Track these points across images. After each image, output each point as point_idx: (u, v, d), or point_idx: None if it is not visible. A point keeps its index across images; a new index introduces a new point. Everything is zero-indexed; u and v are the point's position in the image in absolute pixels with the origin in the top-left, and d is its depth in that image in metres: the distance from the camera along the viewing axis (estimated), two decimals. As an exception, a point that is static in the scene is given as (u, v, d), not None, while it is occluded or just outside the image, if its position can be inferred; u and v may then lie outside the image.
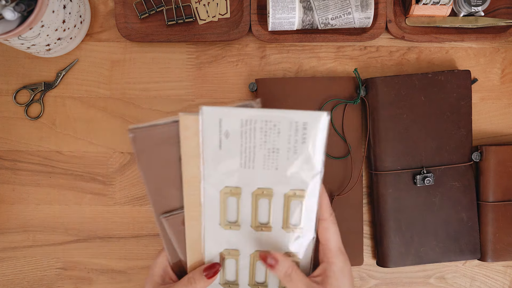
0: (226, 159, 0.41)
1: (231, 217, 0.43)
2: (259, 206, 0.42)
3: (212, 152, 0.41)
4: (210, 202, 0.42)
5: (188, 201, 0.43)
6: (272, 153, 0.41)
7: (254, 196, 0.42)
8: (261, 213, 0.43)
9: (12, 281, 0.66)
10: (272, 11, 0.59)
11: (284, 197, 0.42)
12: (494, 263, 0.66)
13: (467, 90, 0.62)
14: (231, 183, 0.42)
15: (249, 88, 0.63)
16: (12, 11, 0.51)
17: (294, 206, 0.42)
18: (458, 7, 0.64)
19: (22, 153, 0.65)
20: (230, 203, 0.42)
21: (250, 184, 0.42)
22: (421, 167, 0.62)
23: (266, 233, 0.43)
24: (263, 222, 0.43)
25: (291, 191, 0.42)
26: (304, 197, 0.42)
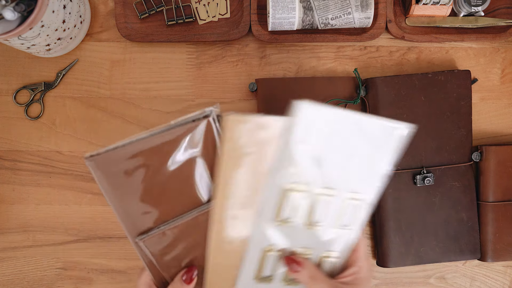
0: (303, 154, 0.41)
1: (286, 214, 0.43)
2: (317, 205, 0.43)
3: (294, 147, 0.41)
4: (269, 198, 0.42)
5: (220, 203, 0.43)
6: (348, 155, 0.42)
7: (315, 195, 0.43)
8: (317, 212, 0.43)
9: (12, 281, 0.66)
10: (272, 11, 0.59)
11: (344, 199, 0.44)
12: (494, 263, 0.66)
13: (467, 90, 0.62)
14: (298, 179, 0.42)
15: (249, 88, 0.63)
16: (12, 11, 0.51)
17: (350, 208, 0.44)
18: (458, 7, 0.64)
19: (22, 153, 0.65)
20: (290, 200, 0.43)
21: (315, 183, 0.43)
22: (421, 167, 0.62)
23: (316, 230, 0.44)
24: (316, 221, 0.44)
25: (352, 194, 0.44)
26: (362, 200, 0.44)
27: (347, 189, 0.44)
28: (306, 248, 0.45)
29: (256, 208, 0.43)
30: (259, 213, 0.43)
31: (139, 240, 0.44)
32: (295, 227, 0.44)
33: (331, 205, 0.44)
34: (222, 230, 0.44)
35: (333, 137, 0.42)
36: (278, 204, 0.43)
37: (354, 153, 0.43)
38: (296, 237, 0.44)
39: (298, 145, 0.41)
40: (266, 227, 0.44)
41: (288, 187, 0.42)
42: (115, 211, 0.44)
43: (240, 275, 0.45)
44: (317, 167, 0.42)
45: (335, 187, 0.43)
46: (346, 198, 0.44)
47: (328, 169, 0.43)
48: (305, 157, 0.42)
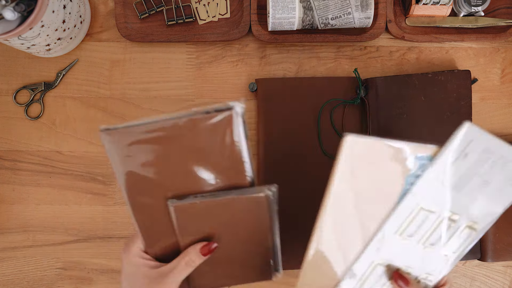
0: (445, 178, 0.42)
1: (410, 231, 0.44)
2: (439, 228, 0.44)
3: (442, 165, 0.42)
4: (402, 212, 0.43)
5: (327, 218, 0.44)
6: (483, 184, 0.43)
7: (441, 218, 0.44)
8: (435, 235, 0.44)
9: (12, 281, 0.66)
10: (272, 11, 0.59)
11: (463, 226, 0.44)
12: (494, 263, 0.66)
13: (467, 90, 0.62)
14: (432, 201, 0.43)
15: (249, 88, 0.63)
16: (12, 11, 0.51)
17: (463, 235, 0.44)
18: (458, 7, 0.64)
19: (22, 153, 0.65)
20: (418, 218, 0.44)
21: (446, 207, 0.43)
22: (421, 167, 0.62)
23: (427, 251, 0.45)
24: (431, 243, 0.45)
25: (471, 222, 0.44)
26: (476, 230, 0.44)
27: (470, 217, 0.44)
28: (408, 267, 0.46)
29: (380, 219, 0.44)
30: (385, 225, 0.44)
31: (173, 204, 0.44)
32: (412, 245, 0.45)
33: (450, 230, 0.44)
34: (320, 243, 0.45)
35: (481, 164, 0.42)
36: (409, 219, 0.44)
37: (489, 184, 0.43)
38: (408, 254, 0.45)
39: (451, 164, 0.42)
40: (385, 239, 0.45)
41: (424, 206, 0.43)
42: (120, 182, 0.44)
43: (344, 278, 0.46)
44: (455, 190, 0.43)
45: (460, 213, 0.44)
46: (466, 226, 0.44)
47: (461, 196, 0.43)
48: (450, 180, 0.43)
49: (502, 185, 0.43)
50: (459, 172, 0.42)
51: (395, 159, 0.42)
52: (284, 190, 0.62)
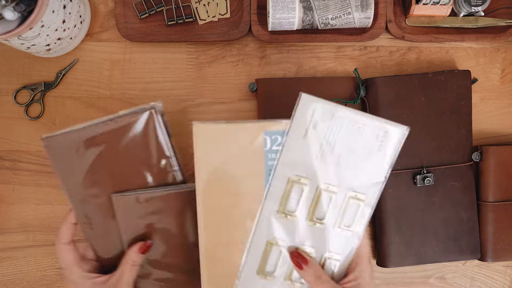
0: (304, 149, 0.43)
1: (290, 207, 0.44)
2: (320, 201, 0.44)
3: (295, 140, 0.43)
4: (275, 189, 0.44)
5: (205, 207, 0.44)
6: (348, 153, 0.43)
7: (318, 190, 0.43)
8: (320, 208, 0.44)
9: (12, 281, 0.66)
10: (272, 11, 0.59)
11: (345, 197, 0.44)
12: (494, 263, 0.66)
13: (467, 90, 0.62)
14: (301, 173, 0.43)
15: (249, 88, 0.63)
16: (12, 11, 0.51)
17: (351, 208, 0.44)
18: (458, 7, 0.64)
19: (22, 153, 0.65)
20: (293, 192, 0.44)
21: (318, 178, 0.43)
22: (421, 167, 0.62)
23: (318, 227, 0.44)
24: (319, 217, 0.44)
25: (353, 193, 0.44)
26: (363, 201, 0.44)
27: (349, 187, 0.44)
28: (309, 247, 0.45)
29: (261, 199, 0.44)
30: (264, 203, 0.44)
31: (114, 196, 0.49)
32: (299, 222, 0.44)
33: (333, 202, 0.44)
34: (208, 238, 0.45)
35: (333, 133, 0.42)
36: (283, 195, 0.44)
37: (354, 152, 0.43)
38: (299, 232, 0.44)
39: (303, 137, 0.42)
40: (271, 218, 0.44)
41: (294, 178, 0.43)
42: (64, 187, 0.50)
43: (242, 267, 0.45)
44: (320, 161, 0.43)
45: (337, 184, 0.43)
46: (348, 196, 0.44)
47: (329, 166, 0.43)
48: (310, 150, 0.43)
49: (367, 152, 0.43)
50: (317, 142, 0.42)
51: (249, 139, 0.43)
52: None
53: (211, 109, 0.65)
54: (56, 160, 0.49)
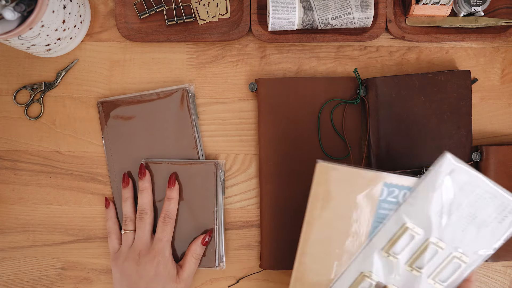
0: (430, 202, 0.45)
1: (396, 249, 0.47)
2: (426, 251, 0.46)
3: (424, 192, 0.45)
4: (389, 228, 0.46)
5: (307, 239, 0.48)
6: (469, 217, 0.45)
7: (427, 242, 0.46)
8: (422, 258, 0.46)
9: (12, 281, 0.66)
10: (272, 11, 0.59)
11: (450, 255, 0.46)
12: (494, 263, 0.66)
13: (467, 90, 0.62)
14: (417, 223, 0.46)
15: (249, 88, 0.63)
16: (12, 11, 0.51)
17: (452, 266, 0.46)
18: (458, 7, 0.64)
19: (22, 153, 0.65)
20: (404, 237, 0.46)
21: (431, 232, 0.46)
22: (421, 167, 0.62)
23: (414, 274, 0.47)
24: (418, 266, 0.47)
25: (459, 254, 0.46)
26: (465, 263, 0.46)
27: (457, 247, 0.46)
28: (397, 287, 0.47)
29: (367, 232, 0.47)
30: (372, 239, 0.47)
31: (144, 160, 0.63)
32: (398, 264, 0.47)
33: (437, 256, 0.46)
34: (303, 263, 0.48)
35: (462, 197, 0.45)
36: (393, 237, 0.46)
37: (475, 218, 0.45)
38: (395, 274, 0.47)
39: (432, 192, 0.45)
40: (373, 253, 0.47)
41: (409, 225, 0.46)
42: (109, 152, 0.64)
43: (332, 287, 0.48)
44: (439, 217, 0.45)
45: (447, 242, 0.46)
46: (453, 255, 0.46)
47: (448, 223, 0.45)
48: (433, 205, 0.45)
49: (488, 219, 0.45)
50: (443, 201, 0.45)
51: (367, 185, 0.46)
52: (284, 190, 0.62)
53: (211, 109, 0.65)
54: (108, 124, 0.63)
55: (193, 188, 0.62)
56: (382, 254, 0.47)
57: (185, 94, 0.62)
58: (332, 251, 0.48)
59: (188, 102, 0.62)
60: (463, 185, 0.45)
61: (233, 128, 0.65)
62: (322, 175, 0.46)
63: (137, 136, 0.63)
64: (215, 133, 0.65)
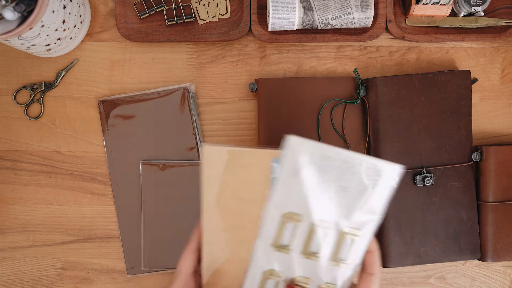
0: (296, 187, 0.44)
1: (284, 241, 0.45)
2: (314, 236, 0.45)
3: (286, 178, 0.44)
4: (269, 223, 0.45)
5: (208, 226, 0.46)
6: (341, 191, 0.44)
7: (312, 225, 0.45)
8: (314, 243, 0.45)
9: (12, 281, 0.66)
10: (272, 11, 0.59)
11: (340, 233, 0.45)
12: (494, 263, 0.66)
13: (467, 90, 0.62)
14: (294, 210, 0.45)
15: (249, 88, 0.63)
16: (12, 11, 0.51)
17: (346, 243, 0.45)
18: (458, 7, 0.64)
19: (22, 153, 0.65)
20: (287, 228, 0.45)
21: (311, 215, 0.45)
22: (421, 167, 0.62)
23: (312, 261, 0.46)
24: (313, 251, 0.45)
25: (348, 229, 0.45)
26: (358, 236, 0.45)
27: (343, 223, 0.45)
28: (305, 278, 0.46)
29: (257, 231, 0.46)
30: (260, 236, 0.45)
31: (142, 162, 0.63)
32: (294, 255, 0.46)
33: (328, 237, 0.45)
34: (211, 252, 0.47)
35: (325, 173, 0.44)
36: (277, 230, 0.45)
37: (347, 190, 0.44)
38: (294, 265, 0.46)
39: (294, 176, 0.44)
40: (266, 251, 0.46)
41: (287, 215, 0.45)
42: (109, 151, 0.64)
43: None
44: (313, 199, 0.44)
45: (331, 220, 0.45)
46: (343, 232, 0.45)
47: (323, 203, 0.44)
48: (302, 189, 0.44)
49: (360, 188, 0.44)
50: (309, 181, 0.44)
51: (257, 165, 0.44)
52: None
53: (211, 109, 0.65)
54: (108, 123, 0.63)
55: (192, 189, 0.62)
56: (273, 249, 0.46)
57: (186, 93, 0.62)
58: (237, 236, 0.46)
59: (188, 101, 0.62)
60: (320, 162, 0.43)
61: (233, 128, 0.65)
62: (210, 158, 0.44)
63: (138, 135, 0.63)
64: (215, 133, 0.65)
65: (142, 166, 0.63)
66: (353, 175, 0.43)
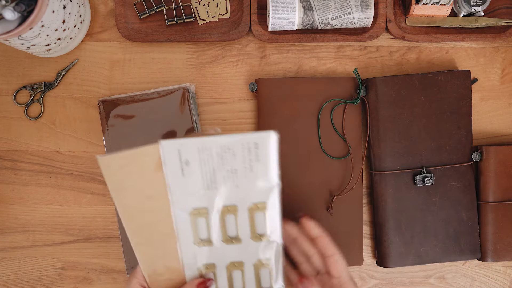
0: (189, 184, 0.45)
1: (202, 235, 0.47)
2: (226, 222, 0.47)
3: (176, 179, 0.45)
4: (181, 224, 0.46)
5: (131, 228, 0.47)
6: (231, 173, 0.45)
7: (220, 213, 0.46)
8: (229, 228, 0.47)
9: (12, 281, 0.66)
10: (272, 11, 0.59)
11: (248, 211, 0.46)
12: (494, 263, 0.66)
13: (467, 90, 0.62)
14: (198, 205, 0.46)
15: (249, 88, 0.63)
16: (12, 11, 0.51)
17: (259, 217, 0.47)
18: (458, 7, 0.64)
19: (22, 153, 0.65)
20: (199, 223, 0.46)
21: (215, 204, 0.46)
22: (421, 167, 0.62)
23: (237, 245, 0.47)
24: (232, 236, 0.47)
25: (253, 205, 0.46)
26: (266, 208, 0.46)
27: (246, 202, 0.46)
28: (238, 262, 0.48)
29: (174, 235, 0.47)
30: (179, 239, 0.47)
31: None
32: (218, 245, 0.47)
33: (239, 219, 0.46)
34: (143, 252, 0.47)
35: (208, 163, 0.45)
36: (192, 228, 0.46)
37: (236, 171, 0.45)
38: (223, 253, 0.47)
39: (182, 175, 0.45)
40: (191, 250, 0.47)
41: (193, 212, 0.46)
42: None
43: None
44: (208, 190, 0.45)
45: (234, 203, 0.46)
46: (250, 209, 0.46)
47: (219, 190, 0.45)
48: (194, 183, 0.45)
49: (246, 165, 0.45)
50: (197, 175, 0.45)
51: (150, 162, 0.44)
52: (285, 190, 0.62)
53: (211, 109, 0.65)
54: (108, 123, 0.63)
55: None
56: (197, 246, 0.47)
57: (186, 93, 0.62)
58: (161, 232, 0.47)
59: (188, 101, 0.62)
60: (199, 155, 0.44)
61: (233, 128, 0.65)
62: (107, 168, 0.45)
63: (138, 135, 0.63)
64: (215, 133, 0.65)
65: None
66: (234, 156, 0.44)
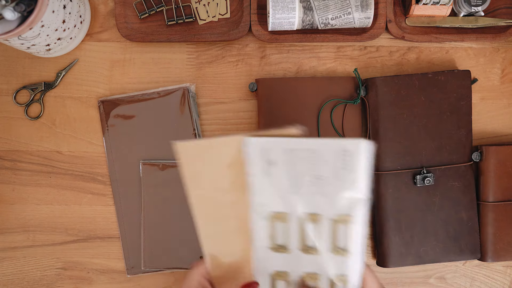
0: (271, 185, 0.43)
1: (280, 241, 0.45)
2: (306, 230, 0.44)
3: (258, 179, 0.43)
4: (258, 226, 0.44)
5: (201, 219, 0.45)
6: (316, 179, 0.42)
7: (300, 220, 0.44)
8: (309, 237, 0.44)
9: (12, 281, 0.66)
10: (272, 11, 0.59)
11: (330, 222, 0.43)
12: (494, 263, 0.66)
13: (467, 90, 0.62)
14: (278, 209, 0.44)
15: (249, 88, 0.63)
16: (12, 11, 0.51)
17: (340, 230, 0.44)
18: (458, 7, 0.64)
19: (22, 153, 0.65)
20: (278, 228, 0.44)
21: (297, 209, 0.43)
22: (421, 167, 0.62)
23: (314, 256, 0.45)
24: (310, 246, 0.44)
25: (337, 216, 0.43)
26: (350, 221, 0.43)
27: (330, 212, 0.43)
28: (313, 274, 0.45)
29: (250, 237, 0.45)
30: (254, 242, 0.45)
31: (142, 162, 0.63)
32: (294, 254, 0.45)
33: (319, 229, 0.44)
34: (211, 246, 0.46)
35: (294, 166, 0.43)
36: (269, 232, 0.45)
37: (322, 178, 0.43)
38: (298, 263, 0.45)
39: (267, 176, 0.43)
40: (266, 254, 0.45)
41: (273, 216, 0.44)
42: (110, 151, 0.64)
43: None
44: (292, 194, 0.43)
45: (318, 212, 0.43)
46: (333, 220, 0.43)
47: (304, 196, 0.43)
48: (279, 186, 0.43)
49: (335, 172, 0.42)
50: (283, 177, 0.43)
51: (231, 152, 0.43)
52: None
53: (211, 109, 0.65)
54: (108, 123, 0.63)
55: None
56: (271, 251, 0.45)
57: (186, 93, 0.62)
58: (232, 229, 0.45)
59: (188, 101, 0.62)
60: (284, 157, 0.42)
61: (233, 128, 0.65)
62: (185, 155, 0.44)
63: (138, 135, 0.63)
64: (215, 133, 0.65)
65: (142, 166, 0.63)
66: (322, 162, 0.42)
